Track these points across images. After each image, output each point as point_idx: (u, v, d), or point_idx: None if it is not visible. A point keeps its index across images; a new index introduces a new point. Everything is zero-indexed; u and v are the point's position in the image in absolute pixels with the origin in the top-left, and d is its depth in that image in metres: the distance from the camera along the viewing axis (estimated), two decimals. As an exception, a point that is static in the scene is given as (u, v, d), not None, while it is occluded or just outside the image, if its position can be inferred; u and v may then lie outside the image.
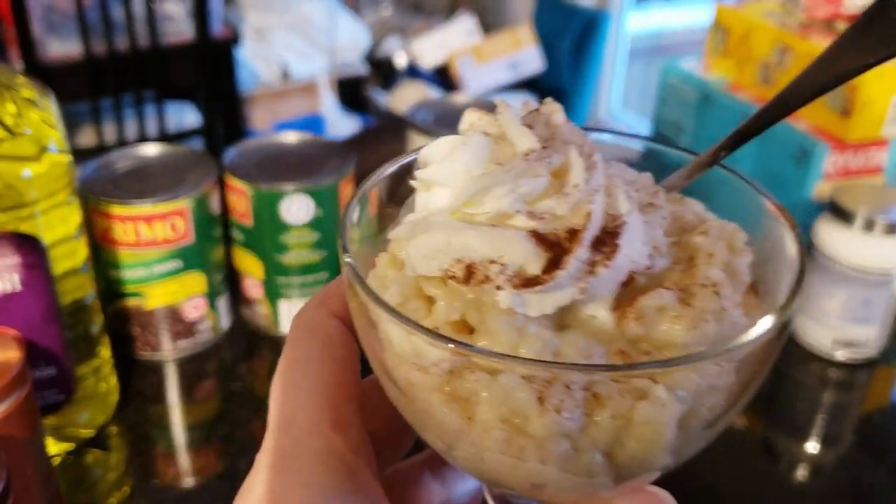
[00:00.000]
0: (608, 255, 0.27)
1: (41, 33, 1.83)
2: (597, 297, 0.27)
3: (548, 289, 0.26)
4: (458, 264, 0.27)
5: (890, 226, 0.66)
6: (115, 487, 0.58)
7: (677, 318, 0.27)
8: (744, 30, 0.89)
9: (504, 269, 0.27)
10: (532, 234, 0.27)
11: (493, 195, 0.28)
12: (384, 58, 2.77)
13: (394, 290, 0.29)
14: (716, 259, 0.29)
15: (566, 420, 0.25)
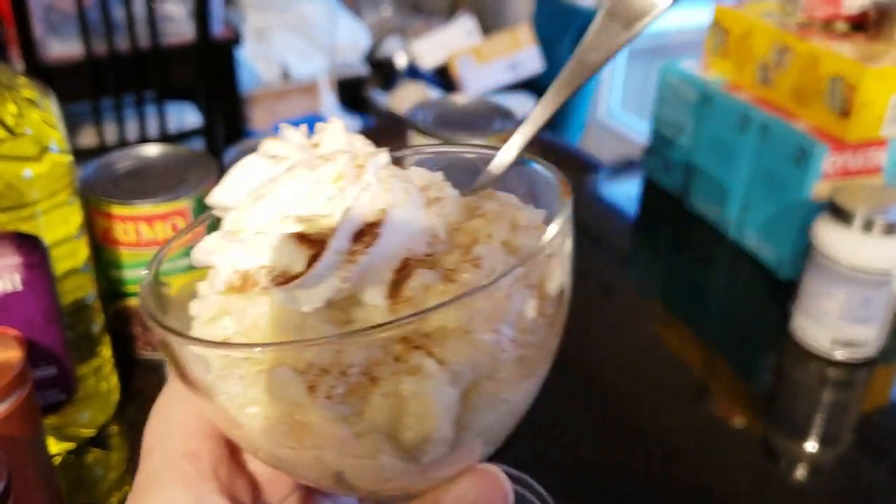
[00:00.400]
0: (367, 243, 0.28)
1: (42, 34, 1.83)
2: (369, 286, 0.29)
3: (308, 281, 0.28)
4: (235, 275, 0.30)
5: (889, 226, 0.66)
6: (116, 487, 0.58)
7: (442, 294, 0.28)
8: (743, 30, 0.90)
9: (271, 272, 0.29)
10: (294, 235, 0.29)
11: (262, 208, 0.30)
12: (384, 58, 2.77)
13: (198, 311, 0.32)
14: (494, 237, 0.31)
15: (336, 405, 0.26)
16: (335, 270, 0.28)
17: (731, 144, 0.88)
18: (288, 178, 0.30)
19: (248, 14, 2.52)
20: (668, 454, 0.63)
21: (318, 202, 0.30)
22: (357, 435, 0.27)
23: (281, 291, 0.28)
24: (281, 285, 0.28)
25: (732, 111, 0.88)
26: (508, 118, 0.85)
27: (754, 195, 0.86)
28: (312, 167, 0.30)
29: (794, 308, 0.74)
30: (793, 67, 0.83)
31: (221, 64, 2.07)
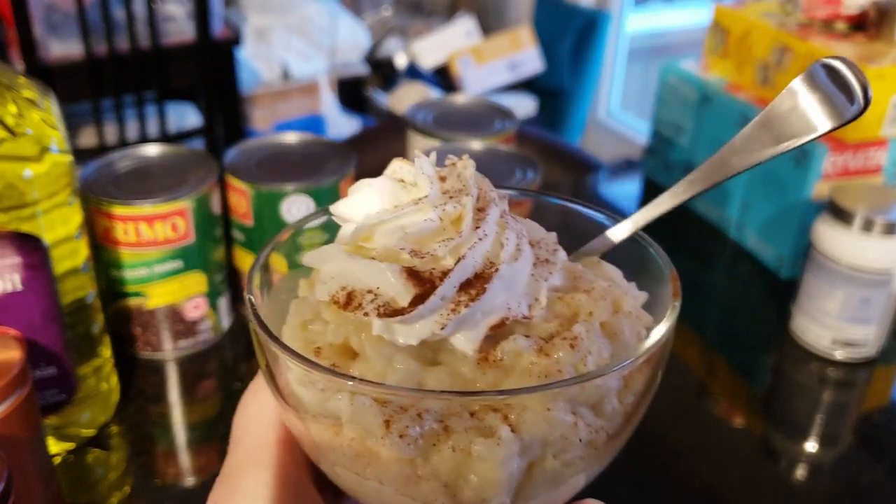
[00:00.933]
0: (473, 297, 0.29)
1: (42, 34, 1.83)
2: (464, 336, 0.29)
3: (408, 320, 0.29)
4: (342, 291, 0.30)
5: (889, 225, 0.66)
6: (116, 487, 0.58)
7: (533, 366, 0.29)
8: (743, 30, 0.90)
9: (376, 299, 0.29)
10: (405, 269, 0.30)
11: (383, 232, 0.31)
12: (384, 58, 2.77)
13: (294, 311, 0.33)
14: (595, 316, 0.31)
15: (407, 445, 0.27)
16: (436, 315, 0.29)
17: (731, 144, 0.88)
18: (412, 211, 0.31)
19: (248, 14, 2.52)
20: (668, 454, 0.63)
21: (435, 241, 0.30)
22: (419, 478, 0.28)
23: (381, 322, 0.29)
24: (382, 316, 0.29)
25: (732, 111, 0.88)
26: (508, 118, 0.85)
27: (754, 195, 0.86)
28: (437, 204, 0.31)
29: (794, 308, 0.74)
30: (793, 67, 0.83)
31: (222, 64, 2.07)
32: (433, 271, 0.30)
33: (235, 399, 0.68)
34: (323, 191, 0.68)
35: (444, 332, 0.29)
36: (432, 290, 0.29)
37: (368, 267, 0.30)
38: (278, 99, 2.46)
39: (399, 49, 2.76)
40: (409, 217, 0.31)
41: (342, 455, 0.29)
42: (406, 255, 0.30)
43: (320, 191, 0.68)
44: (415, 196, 0.32)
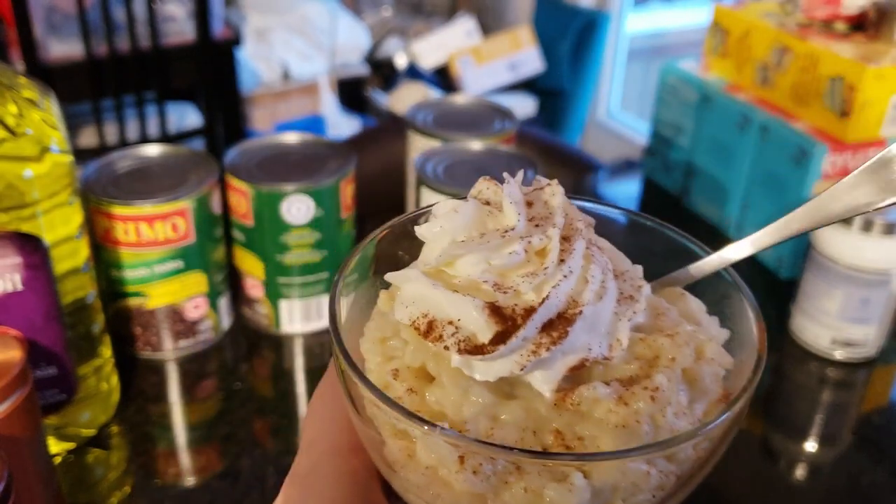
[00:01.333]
0: (555, 339, 0.29)
1: (42, 34, 1.83)
2: (541, 376, 0.29)
3: (488, 359, 0.28)
4: (423, 318, 0.30)
5: (888, 226, 0.66)
6: (116, 487, 0.58)
7: (610, 414, 0.29)
8: (743, 30, 0.90)
9: (456, 332, 0.29)
10: (488, 305, 0.29)
11: (467, 262, 0.30)
12: (384, 58, 2.77)
13: (374, 325, 0.33)
14: (677, 363, 0.30)
15: (480, 482, 0.27)
16: (516, 356, 0.29)
17: (731, 145, 0.88)
18: (499, 242, 0.30)
19: (248, 14, 2.52)
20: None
21: (519, 274, 0.30)
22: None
23: (460, 357, 0.29)
24: (462, 352, 0.29)
25: (732, 111, 0.88)
26: (508, 118, 0.85)
27: (754, 195, 0.86)
28: (523, 235, 0.31)
29: (794, 308, 0.74)
30: (792, 68, 0.83)
31: (222, 64, 2.07)
32: (515, 308, 0.29)
33: (236, 399, 0.68)
34: (323, 191, 0.68)
35: (522, 373, 0.29)
36: (514, 328, 0.29)
37: (451, 298, 0.30)
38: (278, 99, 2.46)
39: (399, 49, 2.77)
40: (495, 249, 0.30)
41: (414, 479, 0.29)
42: (489, 287, 0.30)
43: (320, 191, 0.68)
44: (501, 223, 0.31)
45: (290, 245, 0.70)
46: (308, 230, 0.69)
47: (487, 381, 0.29)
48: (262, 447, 0.63)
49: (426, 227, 0.32)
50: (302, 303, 0.73)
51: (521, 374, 0.29)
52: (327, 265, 0.72)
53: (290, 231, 0.69)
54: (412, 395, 0.30)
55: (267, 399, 0.68)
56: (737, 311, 0.34)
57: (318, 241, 0.70)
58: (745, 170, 0.87)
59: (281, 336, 0.74)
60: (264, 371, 0.72)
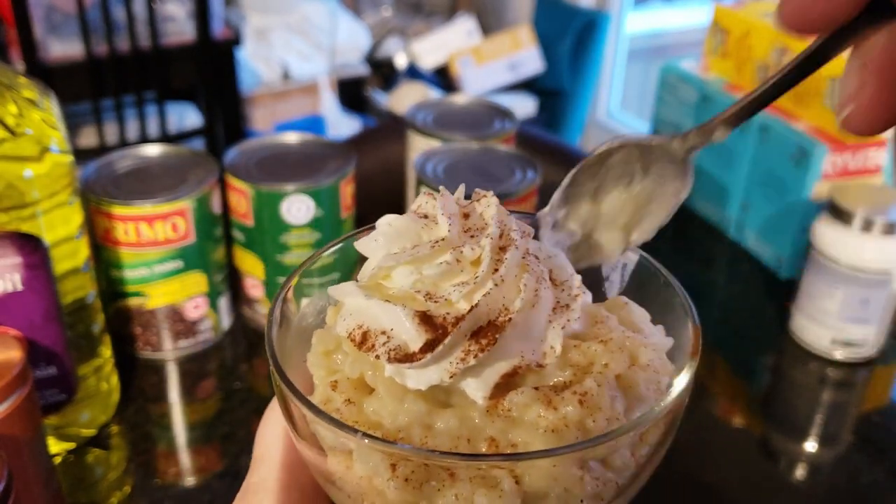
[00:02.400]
0: (483, 347, 0.29)
1: (42, 34, 1.83)
2: (474, 384, 0.29)
3: (417, 366, 0.29)
4: (358, 329, 0.31)
5: (888, 226, 0.66)
6: (116, 486, 0.58)
7: (540, 419, 0.29)
8: (742, 30, 0.90)
9: (388, 342, 0.30)
10: (419, 314, 0.30)
11: (400, 273, 0.31)
12: (384, 58, 2.77)
13: (318, 339, 0.33)
14: (609, 369, 0.31)
15: (412, 489, 0.28)
16: (445, 363, 0.29)
17: (731, 144, 0.88)
18: (430, 254, 0.31)
19: (248, 14, 2.52)
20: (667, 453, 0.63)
21: (451, 283, 0.30)
22: None
23: (392, 366, 0.29)
24: (392, 361, 0.29)
25: (732, 111, 0.88)
26: (508, 118, 0.85)
27: (754, 195, 0.86)
28: (455, 245, 0.31)
29: (794, 308, 0.74)
30: (792, 68, 0.83)
31: (222, 64, 2.07)
32: (447, 316, 0.30)
33: (235, 399, 0.68)
34: (323, 191, 0.68)
35: (451, 381, 0.29)
36: (444, 336, 0.29)
37: (383, 308, 0.30)
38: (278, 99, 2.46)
39: (399, 49, 2.77)
40: (425, 259, 0.31)
41: (350, 490, 0.29)
42: (421, 297, 0.30)
43: (320, 191, 0.68)
44: (435, 235, 0.32)
45: (290, 245, 0.70)
46: (308, 230, 0.69)
47: (422, 391, 0.29)
48: (261, 447, 0.63)
49: (363, 242, 0.33)
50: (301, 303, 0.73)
51: (452, 382, 0.29)
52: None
53: (290, 231, 0.69)
54: (350, 405, 0.31)
55: (267, 399, 0.68)
56: (679, 317, 0.34)
57: (318, 241, 0.70)
58: (745, 170, 0.87)
59: (281, 336, 0.74)
60: (264, 371, 0.72)
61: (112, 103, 1.86)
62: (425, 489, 0.28)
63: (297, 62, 2.51)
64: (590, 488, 0.28)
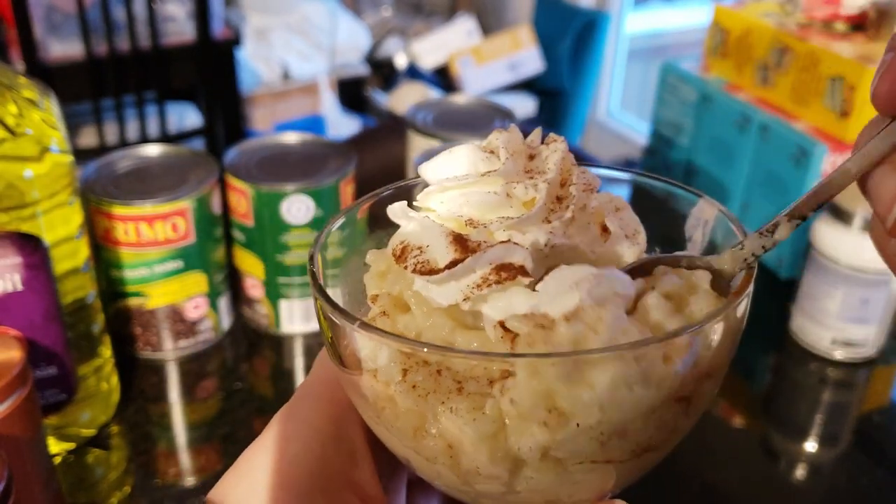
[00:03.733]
0: (501, 279, 0.29)
1: (42, 34, 1.83)
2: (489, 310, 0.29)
3: (435, 280, 0.29)
4: (399, 245, 0.31)
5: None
6: (116, 487, 0.58)
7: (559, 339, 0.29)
8: (742, 30, 0.90)
9: (419, 255, 0.30)
10: (453, 234, 0.30)
11: (449, 197, 0.32)
12: (384, 58, 2.77)
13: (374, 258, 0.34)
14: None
15: (417, 396, 0.28)
16: (464, 283, 0.29)
17: (731, 144, 0.88)
18: (479, 181, 0.31)
19: (248, 14, 2.52)
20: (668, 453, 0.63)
21: (496, 216, 0.31)
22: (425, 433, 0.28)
23: (417, 278, 0.30)
24: (416, 272, 0.30)
25: (732, 111, 0.88)
26: (508, 118, 0.85)
27: (754, 195, 0.86)
28: (509, 180, 0.31)
29: (794, 308, 0.74)
30: (792, 68, 0.83)
31: (222, 64, 2.07)
32: (483, 243, 0.30)
33: (236, 399, 0.68)
34: (323, 191, 0.68)
35: (467, 305, 0.29)
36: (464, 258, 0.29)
37: (424, 226, 0.31)
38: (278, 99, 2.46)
39: (399, 49, 2.76)
40: (474, 185, 0.31)
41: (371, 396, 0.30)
42: (462, 221, 0.31)
43: (320, 191, 0.68)
44: (491, 167, 0.32)
45: (290, 245, 0.70)
46: (308, 230, 0.69)
47: (452, 309, 0.30)
48: (262, 447, 0.63)
49: (424, 166, 0.33)
50: (302, 303, 0.73)
51: (469, 306, 0.29)
52: (327, 265, 0.72)
53: (290, 231, 0.69)
54: (384, 318, 0.31)
55: (267, 399, 0.68)
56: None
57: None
58: (745, 170, 0.87)
59: (281, 336, 0.74)
60: (264, 371, 0.72)
61: (112, 103, 1.86)
62: (431, 401, 0.28)
63: (297, 62, 2.51)
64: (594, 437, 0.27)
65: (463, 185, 0.31)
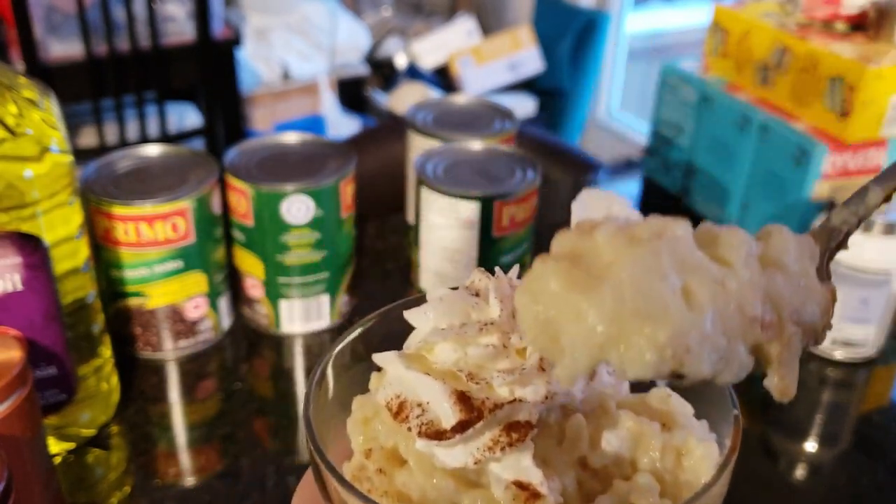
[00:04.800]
0: (513, 441, 0.29)
1: (42, 34, 1.83)
2: (499, 469, 0.29)
3: (445, 444, 0.29)
4: (395, 399, 0.30)
5: (889, 226, 0.66)
6: (116, 487, 0.58)
7: None
8: (742, 30, 0.90)
9: (422, 415, 0.29)
10: (456, 392, 0.29)
11: (444, 349, 0.31)
12: (384, 58, 2.77)
13: (359, 404, 0.33)
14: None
15: None
16: (474, 447, 0.29)
17: (731, 144, 0.88)
18: (477, 334, 0.31)
19: (248, 14, 2.52)
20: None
21: (495, 368, 0.30)
22: None
23: (421, 441, 0.29)
24: (422, 435, 0.29)
25: (732, 111, 0.88)
26: (508, 118, 0.85)
27: (754, 195, 0.86)
28: (505, 330, 0.31)
29: (794, 308, 0.74)
30: (792, 68, 0.83)
31: (222, 64, 2.07)
32: (486, 400, 0.29)
33: (236, 399, 0.68)
34: (323, 191, 0.68)
35: (475, 467, 0.29)
36: (478, 420, 0.29)
37: (422, 381, 0.30)
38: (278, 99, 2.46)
39: (399, 49, 2.76)
40: (472, 339, 0.31)
41: None
42: (463, 376, 0.30)
43: (320, 191, 0.68)
44: (485, 315, 0.32)
45: (290, 245, 0.70)
46: (308, 230, 0.69)
47: (453, 469, 0.29)
48: (262, 447, 0.63)
49: (413, 312, 0.33)
50: (302, 303, 0.73)
51: (476, 468, 0.29)
52: (327, 265, 0.72)
53: (290, 231, 0.69)
54: (381, 476, 0.30)
55: (267, 399, 0.68)
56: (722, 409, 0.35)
57: (318, 241, 0.70)
58: (745, 170, 0.87)
59: (281, 336, 0.74)
60: (264, 371, 0.72)
61: (112, 103, 1.86)
62: None
63: (297, 62, 2.51)
64: None
65: (460, 338, 0.31)
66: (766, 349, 0.28)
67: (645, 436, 0.32)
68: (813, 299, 0.29)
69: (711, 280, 0.26)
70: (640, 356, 0.24)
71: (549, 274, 0.25)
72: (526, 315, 0.26)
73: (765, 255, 0.29)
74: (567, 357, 0.25)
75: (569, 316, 0.24)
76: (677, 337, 0.24)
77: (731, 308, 0.26)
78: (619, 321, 0.24)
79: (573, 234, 0.26)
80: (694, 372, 0.25)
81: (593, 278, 0.25)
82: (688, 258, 0.26)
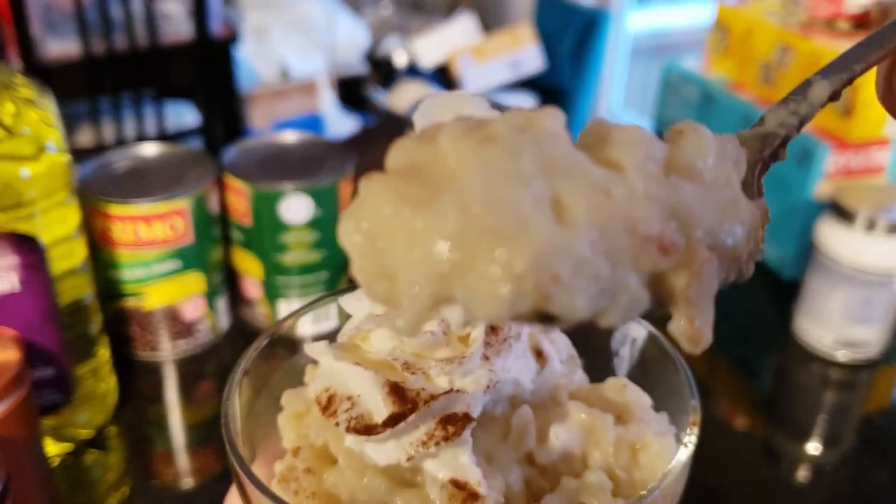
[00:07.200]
0: (449, 435, 0.26)
1: (40, 33, 1.82)
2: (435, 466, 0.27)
3: (375, 440, 0.26)
4: (325, 392, 0.28)
5: (891, 226, 0.66)
6: (113, 488, 0.58)
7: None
8: (745, 29, 0.89)
9: (351, 409, 0.27)
10: (389, 384, 0.27)
11: (380, 337, 0.28)
12: (384, 57, 2.76)
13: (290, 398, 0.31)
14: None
15: None
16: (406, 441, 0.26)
17: (733, 144, 0.88)
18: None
19: (246, 12, 2.51)
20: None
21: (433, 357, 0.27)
22: None
23: (350, 437, 0.27)
24: (351, 430, 0.27)
25: (734, 110, 0.88)
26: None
27: (756, 195, 0.86)
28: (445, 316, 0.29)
29: (797, 308, 0.74)
30: (795, 66, 0.82)
31: (220, 63, 2.06)
32: (421, 392, 0.27)
33: (234, 400, 0.67)
34: (322, 190, 0.68)
35: (408, 464, 0.26)
36: (411, 413, 0.26)
37: (353, 373, 0.27)
38: (277, 98, 2.46)
39: (398, 47, 2.76)
40: None
41: None
42: (398, 366, 0.27)
43: (319, 190, 0.68)
44: None
45: (288, 245, 0.69)
46: (307, 230, 0.69)
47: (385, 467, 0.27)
48: (261, 448, 0.62)
49: (347, 299, 0.30)
50: (301, 303, 0.72)
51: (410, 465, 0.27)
52: (326, 265, 0.71)
53: (289, 231, 0.68)
54: (309, 475, 0.28)
55: (266, 400, 0.68)
56: (683, 399, 0.33)
57: (317, 240, 0.69)
58: (747, 169, 0.87)
59: (281, 336, 0.73)
60: (263, 371, 0.71)
61: (110, 102, 1.85)
62: None
63: (296, 60, 2.50)
64: None
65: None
66: (670, 280, 0.21)
67: (597, 429, 0.29)
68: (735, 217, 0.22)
69: (591, 187, 0.19)
70: (492, 289, 0.18)
71: (376, 193, 0.20)
72: (350, 248, 0.20)
73: (672, 160, 0.23)
74: (405, 297, 0.19)
75: (401, 241, 0.19)
76: (541, 262, 0.18)
77: (617, 224, 0.19)
78: (464, 244, 0.18)
79: (411, 143, 0.21)
80: (566, 309, 0.18)
81: (432, 192, 0.19)
82: (560, 159, 0.20)
